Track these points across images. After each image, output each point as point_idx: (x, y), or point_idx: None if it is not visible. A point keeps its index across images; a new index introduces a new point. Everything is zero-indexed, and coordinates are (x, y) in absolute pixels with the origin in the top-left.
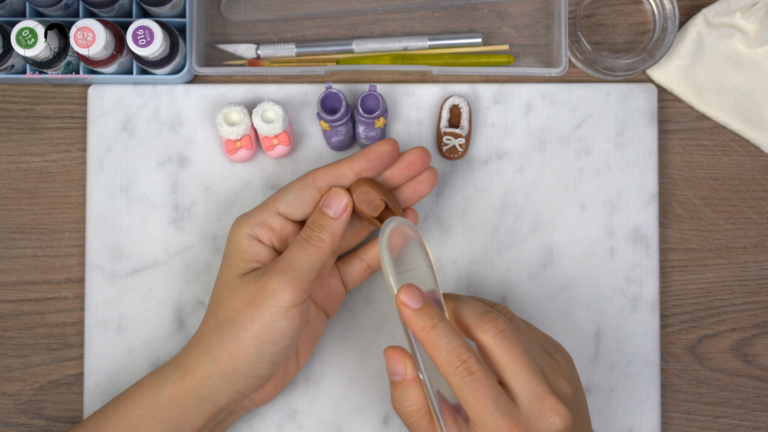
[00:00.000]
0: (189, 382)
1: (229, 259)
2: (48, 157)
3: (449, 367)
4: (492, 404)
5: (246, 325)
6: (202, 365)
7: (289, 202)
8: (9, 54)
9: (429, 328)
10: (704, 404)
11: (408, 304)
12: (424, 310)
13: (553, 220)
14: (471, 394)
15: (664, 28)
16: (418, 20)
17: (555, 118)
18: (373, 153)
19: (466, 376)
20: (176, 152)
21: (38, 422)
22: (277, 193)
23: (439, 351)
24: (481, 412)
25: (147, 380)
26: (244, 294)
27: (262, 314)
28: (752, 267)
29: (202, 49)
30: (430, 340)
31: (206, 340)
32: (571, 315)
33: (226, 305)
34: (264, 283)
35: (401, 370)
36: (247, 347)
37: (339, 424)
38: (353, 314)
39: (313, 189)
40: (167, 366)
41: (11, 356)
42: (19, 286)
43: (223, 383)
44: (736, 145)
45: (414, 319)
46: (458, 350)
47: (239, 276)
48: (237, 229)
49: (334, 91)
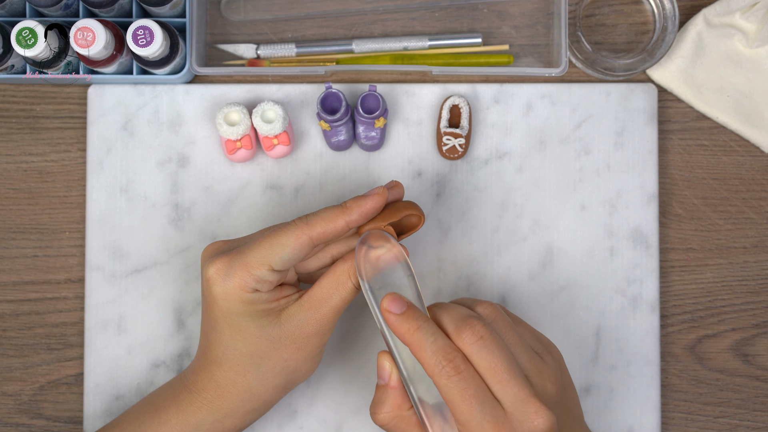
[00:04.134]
0: (231, 423)
1: (246, 316)
2: (48, 157)
3: (436, 367)
4: (478, 405)
5: (300, 368)
6: (249, 407)
7: (285, 262)
8: (9, 54)
9: (414, 329)
10: (704, 404)
11: (392, 310)
12: (408, 314)
13: (553, 220)
14: (457, 394)
15: (664, 28)
16: (418, 20)
17: (555, 118)
18: (367, 208)
19: (453, 375)
20: (176, 152)
21: (38, 422)
22: (269, 245)
23: (426, 351)
24: (467, 413)
25: (173, 415)
26: (291, 343)
27: (315, 355)
28: (752, 267)
29: (202, 49)
30: (416, 341)
31: (251, 390)
32: (571, 315)
33: (271, 356)
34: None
35: (385, 375)
36: (299, 381)
37: (339, 424)
38: (353, 314)
39: (309, 246)
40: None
41: (11, 356)
42: (19, 286)
43: (266, 410)
44: (736, 145)
45: (399, 323)
46: (444, 350)
47: (274, 326)
48: (234, 292)
49: (334, 91)
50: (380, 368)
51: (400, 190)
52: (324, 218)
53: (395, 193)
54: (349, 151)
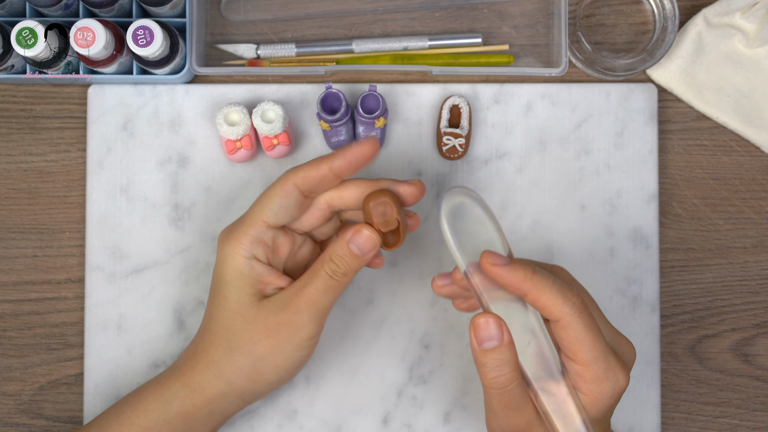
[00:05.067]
0: (199, 399)
1: (232, 286)
2: (48, 157)
3: (566, 305)
4: (604, 341)
5: (267, 357)
6: (215, 387)
7: (276, 212)
8: (9, 54)
9: (531, 274)
10: (704, 404)
11: (497, 263)
12: (516, 263)
13: (553, 220)
14: (588, 330)
15: (664, 28)
16: (418, 20)
17: (555, 118)
18: (353, 155)
19: (584, 311)
20: (176, 152)
21: (38, 422)
22: (260, 203)
23: (550, 292)
24: (596, 349)
25: (150, 392)
26: (263, 327)
27: (285, 347)
28: (752, 267)
29: (202, 49)
30: (534, 286)
31: (217, 364)
32: None
33: (242, 335)
34: (288, 319)
35: (498, 334)
36: (268, 375)
37: (339, 424)
38: (353, 314)
39: (296, 193)
40: (171, 381)
41: (11, 356)
42: (19, 286)
43: (236, 400)
44: (736, 145)
45: (511, 272)
46: (567, 289)
47: (252, 304)
48: (231, 252)
49: (334, 91)
50: (490, 328)
51: (418, 188)
52: (308, 164)
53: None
54: None
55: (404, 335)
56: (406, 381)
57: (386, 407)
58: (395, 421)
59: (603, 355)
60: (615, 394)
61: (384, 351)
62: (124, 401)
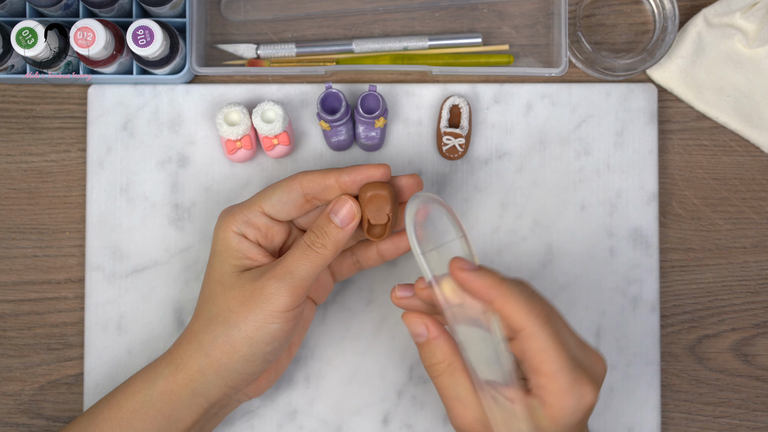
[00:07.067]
0: (181, 377)
1: (219, 257)
2: (48, 157)
3: (530, 315)
4: (569, 353)
5: (239, 324)
6: (194, 361)
7: (274, 204)
8: (9, 54)
9: (498, 282)
10: (704, 404)
11: (466, 268)
12: (484, 270)
13: (553, 220)
14: (552, 341)
15: (664, 28)
16: (418, 20)
17: (555, 118)
18: (363, 175)
19: (547, 322)
20: (176, 152)
21: (38, 422)
22: (264, 191)
23: (516, 301)
24: (560, 361)
25: (139, 375)
26: (239, 294)
27: (256, 316)
28: (752, 267)
29: (202, 49)
30: (502, 293)
31: (198, 336)
32: (571, 315)
33: (219, 303)
34: (261, 285)
35: (423, 330)
36: (240, 346)
37: (339, 424)
38: (353, 314)
39: (298, 193)
40: (159, 361)
41: (11, 356)
42: (19, 286)
43: (216, 379)
44: (736, 145)
45: (479, 279)
46: (531, 299)
47: (233, 274)
48: (224, 226)
49: (334, 91)
50: (414, 326)
51: (416, 181)
52: (318, 171)
53: (410, 184)
54: (349, 151)
55: (404, 335)
56: (406, 381)
57: (386, 407)
58: (395, 421)
59: (568, 367)
60: (581, 409)
61: (384, 351)
62: (117, 387)
